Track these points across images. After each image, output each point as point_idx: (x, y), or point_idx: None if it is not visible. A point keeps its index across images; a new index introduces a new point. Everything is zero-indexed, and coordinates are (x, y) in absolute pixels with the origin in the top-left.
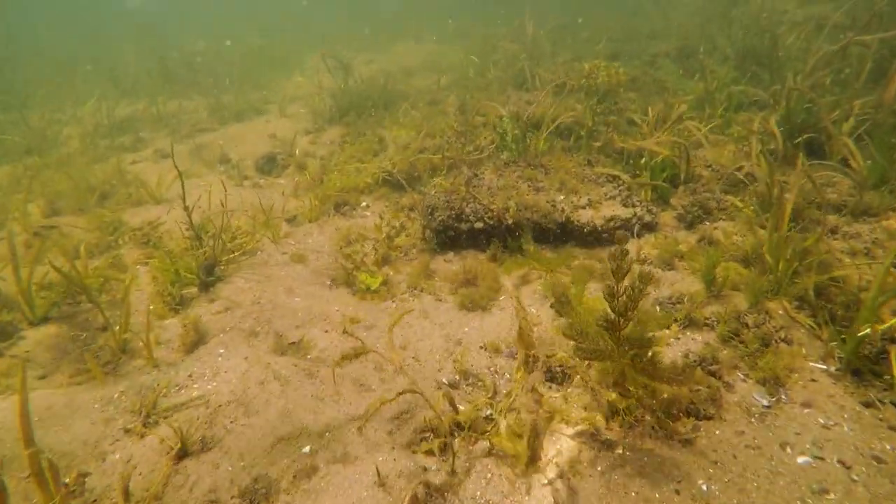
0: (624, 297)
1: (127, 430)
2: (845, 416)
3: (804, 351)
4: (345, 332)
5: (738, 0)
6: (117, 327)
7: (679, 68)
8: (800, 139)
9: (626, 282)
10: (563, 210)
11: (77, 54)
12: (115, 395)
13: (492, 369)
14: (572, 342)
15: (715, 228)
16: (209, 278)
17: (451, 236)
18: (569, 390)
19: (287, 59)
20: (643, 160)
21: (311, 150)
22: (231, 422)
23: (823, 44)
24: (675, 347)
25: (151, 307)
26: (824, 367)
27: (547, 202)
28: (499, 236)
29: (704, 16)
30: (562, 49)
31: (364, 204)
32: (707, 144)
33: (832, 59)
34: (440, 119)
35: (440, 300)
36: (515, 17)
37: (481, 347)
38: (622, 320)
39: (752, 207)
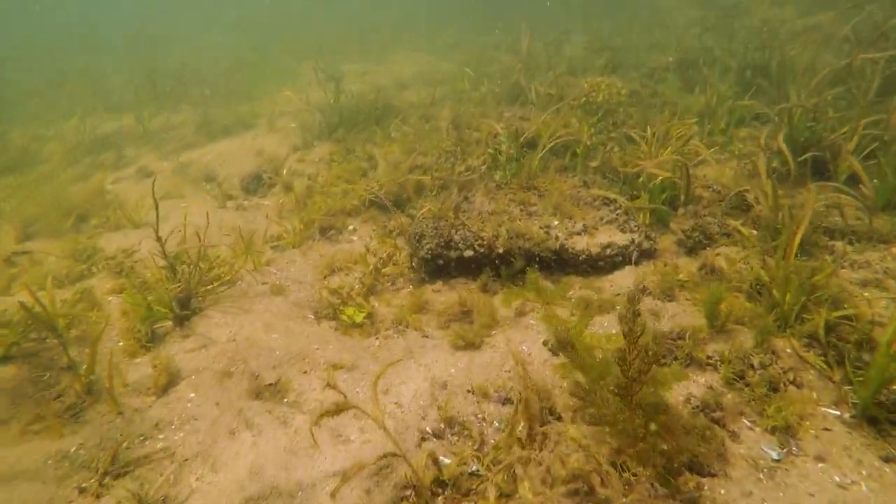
0: (636, 360)
1: (82, 490)
2: (864, 472)
3: (815, 395)
4: (328, 385)
5: (738, 11)
6: (85, 367)
7: (679, 81)
8: (805, 157)
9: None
10: (556, 237)
11: (69, 66)
12: (73, 449)
13: (479, 416)
14: (577, 400)
15: (717, 255)
16: (184, 312)
17: (439, 265)
18: (562, 447)
19: (281, 70)
20: (641, 179)
21: (299, 168)
22: (197, 479)
23: (829, 57)
24: (675, 391)
25: (121, 344)
26: (838, 413)
27: (540, 228)
28: (490, 265)
29: (703, 27)
30: (558, 61)
31: (351, 227)
32: (711, 162)
33: (838, 76)
34: (433, 135)
35: (426, 336)
36: (513, 27)
37: (469, 391)
38: (635, 385)
39: (755, 233)
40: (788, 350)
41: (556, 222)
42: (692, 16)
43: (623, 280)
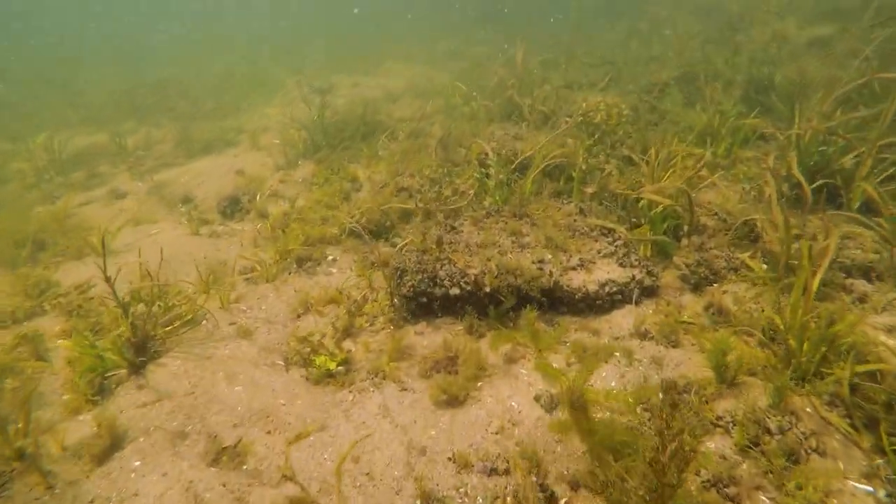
0: (673, 461)
1: None
2: None
3: (842, 465)
4: (284, 476)
5: (739, 23)
6: (16, 427)
7: (680, 97)
8: (817, 184)
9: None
10: (550, 273)
11: (55, 77)
12: None
13: (461, 490)
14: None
15: (724, 292)
16: (140, 359)
17: (423, 303)
18: None
19: (272, 81)
20: (641, 204)
21: (281, 189)
22: None
23: (839, 73)
24: None
25: (66, 397)
26: (869, 489)
27: (533, 263)
28: (477, 303)
29: (704, 40)
30: (554, 74)
31: (330, 258)
32: (716, 184)
33: (851, 96)
34: (420, 155)
35: (405, 389)
36: (508, 37)
37: (450, 459)
38: (668, 490)
39: (765, 267)
40: (809, 409)
41: (549, 256)
42: (691, 28)
43: (622, 321)
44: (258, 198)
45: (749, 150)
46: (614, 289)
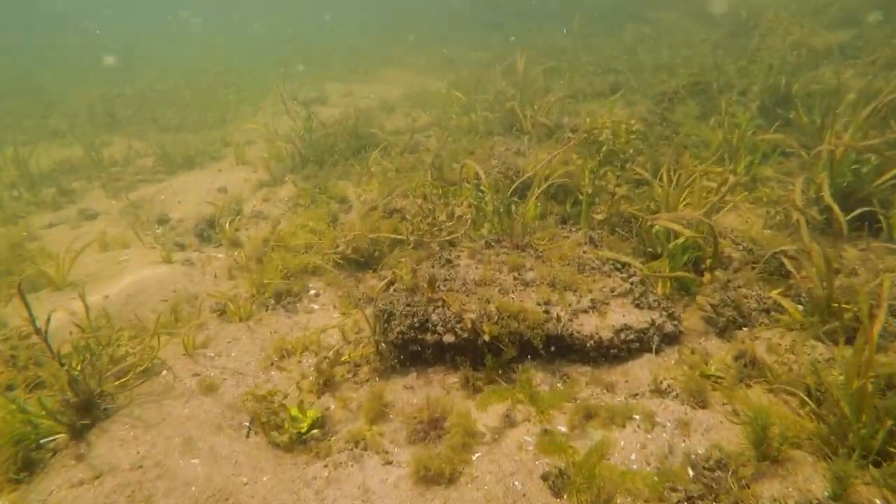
0: None
1: None
2: None
3: None
4: None
5: (750, 28)
6: None
7: (693, 108)
8: (856, 213)
9: None
10: (558, 318)
11: (34, 85)
12: None
13: None
14: None
15: (756, 338)
16: (82, 422)
17: (413, 351)
18: None
19: (261, 89)
20: (655, 230)
21: (264, 209)
22: None
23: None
24: None
25: None
26: None
27: (538, 305)
28: (474, 352)
29: (713, 46)
30: (557, 83)
31: (312, 292)
32: (738, 206)
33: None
34: (415, 173)
35: (390, 462)
36: (508, 44)
37: None
38: None
39: (800, 308)
40: (879, 502)
41: (556, 296)
42: (699, 34)
43: (640, 373)
44: (234, 223)
45: (769, 167)
46: (631, 336)
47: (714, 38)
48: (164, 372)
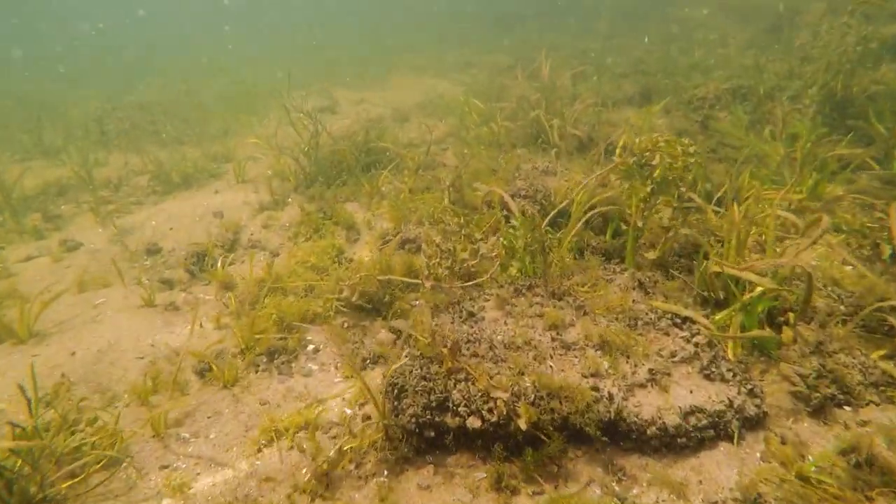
0: None
1: None
2: None
3: None
4: None
5: (789, 25)
6: None
7: (745, 117)
8: None
9: None
10: (610, 396)
11: (31, 97)
12: None
13: None
14: None
15: (865, 424)
16: None
17: (430, 437)
18: None
19: (269, 97)
20: (702, 264)
21: (263, 237)
22: None
23: None
24: None
25: None
26: None
27: (584, 378)
28: (507, 438)
29: (748, 44)
30: (582, 86)
31: (311, 347)
32: (808, 236)
33: None
34: (431, 195)
35: None
36: (528, 45)
37: None
38: None
39: None
40: None
41: (606, 364)
42: (731, 31)
43: (718, 471)
44: (226, 260)
45: (837, 184)
46: (703, 422)
47: (748, 36)
48: (128, 462)
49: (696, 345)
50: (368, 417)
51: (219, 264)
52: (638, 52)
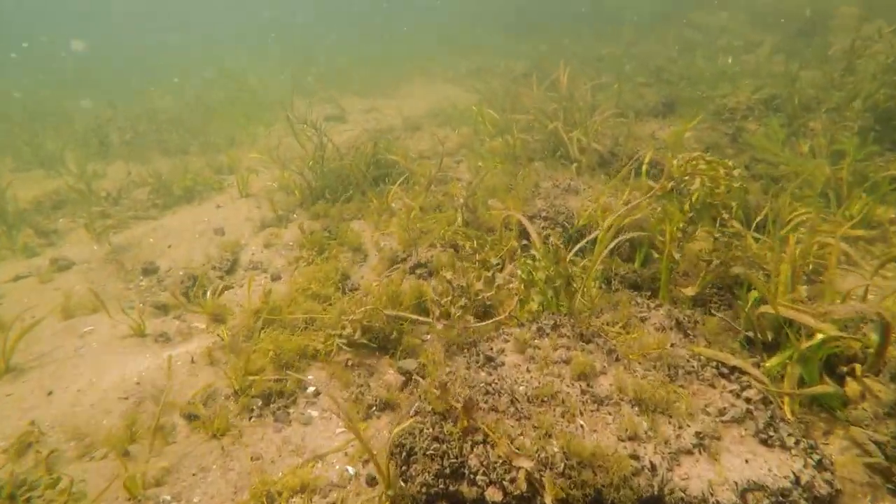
0: None
1: None
2: None
3: None
4: None
5: (818, 31)
6: None
7: (782, 131)
8: None
9: None
10: (652, 467)
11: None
12: None
13: None
14: None
15: None
16: None
17: None
18: None
19: (276, 105)
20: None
21: (264, 258)
22: None
23: None
24: None
25: None
26: None
27: (620, 441)
28: None
29: (779, 50)
30: (604, 96)
31: (311, 389)
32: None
33: None
34: (443, 213)
35: None
36: (540, 52)
37: None
38: None
39: None
40: None
41: (645, 425)
42: (760, 38)
43: None
44: (219, 290)
45: (888, 207)
46: (765, 502)
47: (774, 41)
48: None
49: (748, 400)
50: (373, 479)
51: (209, 294)
52: (660, 59)
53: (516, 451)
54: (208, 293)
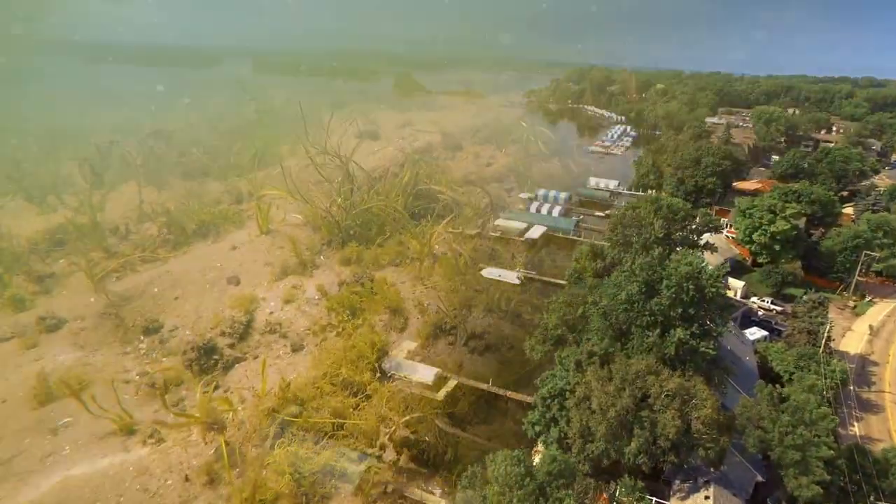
0: None
1: None
2: None
3: None
4: None
5: None
6: None
7: None
8: None
9: None
10: None
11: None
12: None
13: None
14: None
15: None
16: None
17: None
18: None
19: (305, 120)
20: None
21: (283, 318)
22: None
23: None
24: None
25: None
26: None
27: None
28: None
29: None
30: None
31: None
32: None
33: None
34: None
35: None
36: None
37: None
38: None
39: None
40: None
41: None
42: None
43: None
44: (211, 388)
45: None
46: None
47: None
48: None
49: None
50: None
51: (198, 393)
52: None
53: None
54: (202, 389)
